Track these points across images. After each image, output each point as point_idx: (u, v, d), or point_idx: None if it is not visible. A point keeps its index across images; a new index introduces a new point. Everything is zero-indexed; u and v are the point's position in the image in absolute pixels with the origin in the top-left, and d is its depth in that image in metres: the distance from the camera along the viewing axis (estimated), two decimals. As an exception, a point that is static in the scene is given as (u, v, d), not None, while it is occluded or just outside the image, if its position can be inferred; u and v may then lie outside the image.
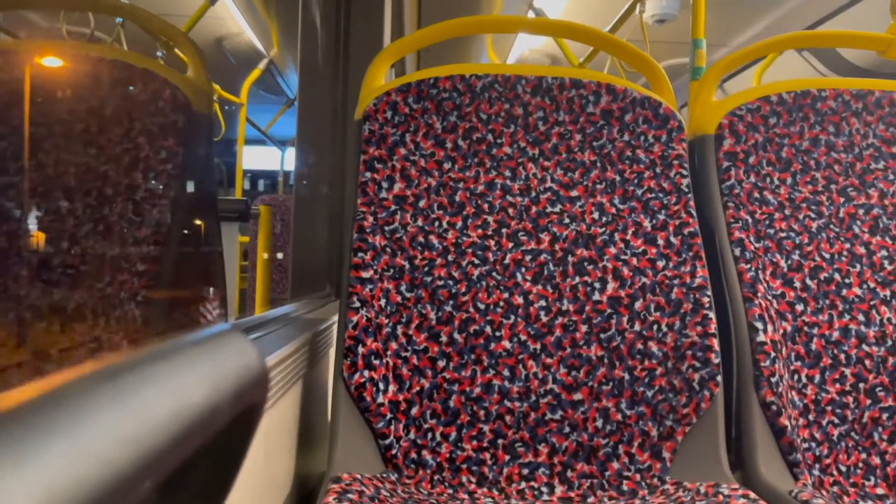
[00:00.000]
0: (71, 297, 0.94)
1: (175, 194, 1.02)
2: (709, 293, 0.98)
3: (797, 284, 1.05)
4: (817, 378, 1.01)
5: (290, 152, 5.11)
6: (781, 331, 1.02)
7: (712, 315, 0.97)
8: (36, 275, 0.94)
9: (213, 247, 1.15)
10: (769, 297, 1.03)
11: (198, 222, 1.10)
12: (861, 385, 1.01)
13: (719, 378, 0.94)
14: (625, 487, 0.92)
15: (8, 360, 0.88)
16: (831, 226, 1.08)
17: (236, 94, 3.61)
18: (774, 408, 0.96)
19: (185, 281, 1.06)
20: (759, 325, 1.00)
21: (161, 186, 1.01)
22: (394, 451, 0.91)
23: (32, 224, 0.97)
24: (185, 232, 1.05)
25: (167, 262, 1.00)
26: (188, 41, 1.21)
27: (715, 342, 0.95)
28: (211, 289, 1.15)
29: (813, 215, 1.08)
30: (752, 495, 0.82)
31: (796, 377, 1.01)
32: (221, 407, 0.22)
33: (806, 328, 1.03)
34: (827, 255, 1.07)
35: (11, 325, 0.92)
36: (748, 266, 1.04)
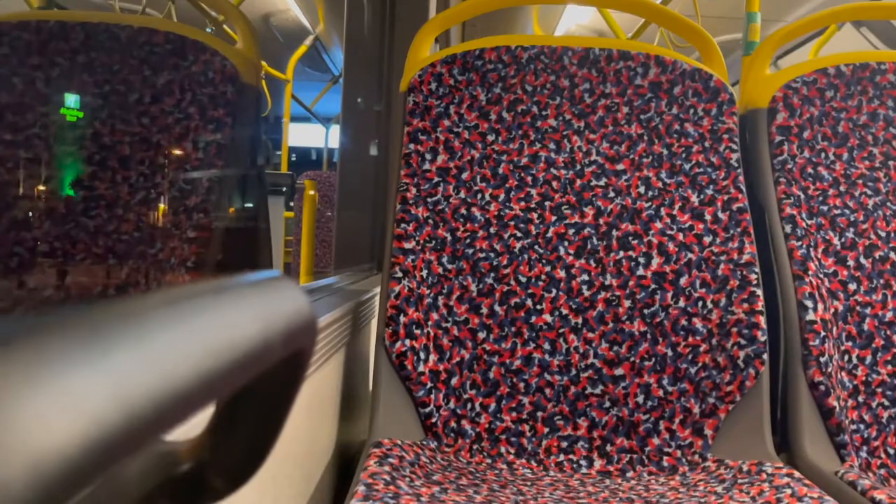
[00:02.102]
0: (125, 262, 0.97)
1: (223, 164, 1.04)
2: (756, 270, 0.96)
3: (851, 263, 1.02)
4: (868, 359, 0.99)
5: (335, 130, 5.14)
6: (832, 310, 1.00)
7: (760, 292, 0.95)
8: (93, 240, 0.97)
9: (259, 216, 1.17)
10: (820, 276, 1.01)
11: (245, 192, 1.12)
12: None
13: (765, 356, 0.93)
14: (665, 463, 0.91)
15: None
16: (888, 203, 1.05)
17: (283, 71, 3.64)
18: (823, 388, 0.94)
19: (233, 248, 1.08)
20: (809, 304, 0.98)
21: (210, 156, 1.03)
22: (434, 420, 0.92)
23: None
24: (233, 201, 1.07)
25: (216, 229, 1.02)
26: (239, 14, 1.22)
27: (762, 320, 0.93)
28: (257, 256, 1.17)
29: (869, 192, 1.05)
30: (797, 474, 0.81)
31: (847, 357, 0.99)
32: (273, 344, 0.23)
33: (858, 308, 1.00)
34: (883, 234, 1.03)
35: (67, 287, 0.96)
36: (799, 243, 1.01)
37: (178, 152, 1.03)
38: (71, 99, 1.03)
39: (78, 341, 0.13)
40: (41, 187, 1.00)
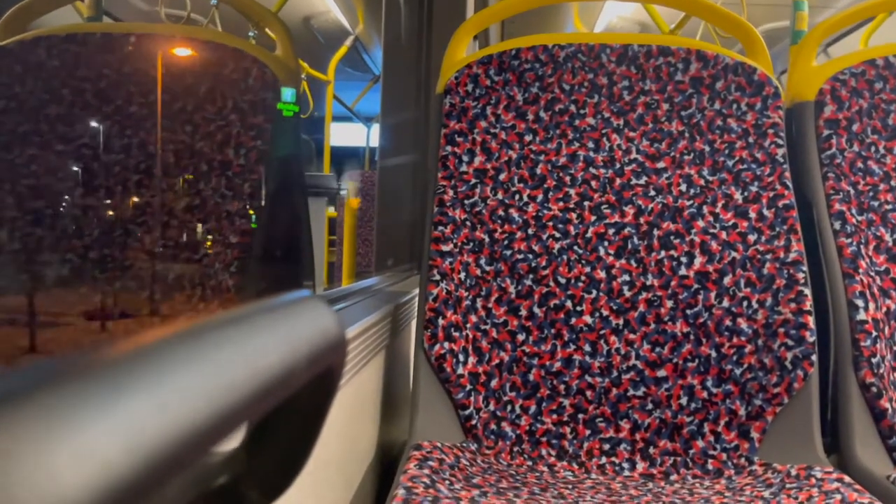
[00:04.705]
0: (171, 268, 1.00)
1: (264, 169, 1.06)
2: (804, 268, 0.93)
3: None
4: None
5: (376, 129, 5.17)
6: (885, 309, 0.97)
7: (807, 291, 0.92)
8: (140, 246, 1.00)
9: (301, 219, 1.18)
10: (871, 274, 0.98)
11: (286, 196, 1.14)
12: None
13: (814, 357, 0.90)
14: (710, 466, 0.90)
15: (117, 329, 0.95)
16: None
17: (324, 72, 3.68)
18: (875, 389, 0.91)
19: (274, 252, 1.10)
20: (860, 303, 0.94)
21: (251, 162, 1.05)
22: (473, 422, 0.92)
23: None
24: (274, 206, 1.09)
25: (257, 235, 1.04)
26: (276, 20, 1.24)
27: (810, 320, 0.91)
28: (299, 259, 1.19)
29: None
30: (847, 479, 0.79)
31: None
32: (297, 369, 0.23)
33: None
34: None
35: (119, 294, 0.99)
36: (849, 240, 0.98)
37: (220, 159, 1.05)
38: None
39: (91, 389, 0.13)
40: (91, 196, 1.03)
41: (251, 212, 1.04)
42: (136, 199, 1.03)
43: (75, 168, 1.02)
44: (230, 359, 0.18)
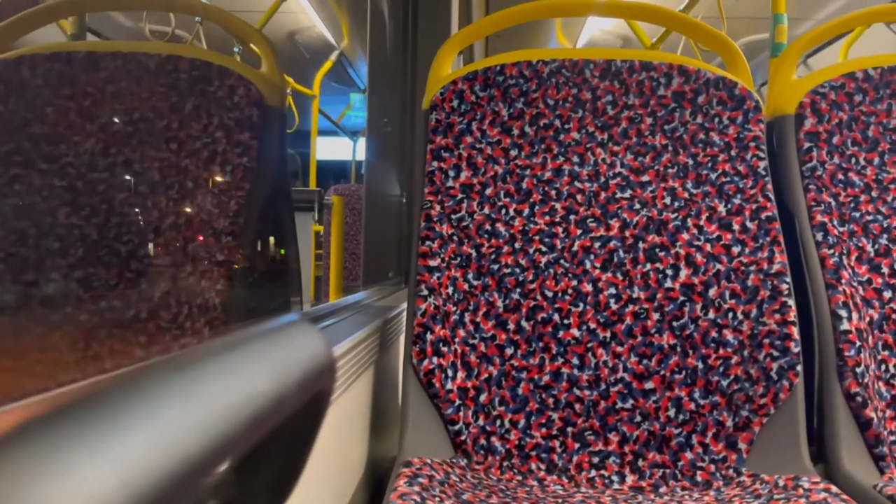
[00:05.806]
0: (157, 286, 0.99)
1: (250, 186, 1.05)
2: (788, 280, 0.94)
3: (885, 270, 1.00)
4: None
5: (362, 143, 5.18)
6: (868, 319, 0.98)
7: (791, 302, 0.93)
8: (125, 265, 0.99)
9: (287, 235, 1.18)
10: (854, 284, 0.99)
11: (272, 212, 1.14)
12: None
13: (799, 368, 0.91)
14: (698, 478, 0.90)
15: (101, 348, 0.94)
16: None
17: (309, 87, 3.68)
18: (859, 399, 0.92)
19: (261, 269, 1.10)
20: (843, 313, 0.96)
21: (237, 179, 1.05)
22: (463, 437, 0.92)
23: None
24: (261, 223, 1.09)
25: (244, 252, 1.03)
26: (261, 37, 1.24)
27: (794, 330, 0.92)
28: (286, 275, 1.19)
29: None
30: (834, 489, 0.79)
31: (884, 367, 0.97)
32: (288, 395, 0.23)
33: (894, 316, 0.98)
34: None
35: (102, 314, 0.98)
36: (831, 251, 0.99)
37: (205, 176, 1.04)
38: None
39: (84, 424, 0.13)
40: (75, 215, 1.03)
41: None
42: (119, 217, 1.03)
43: (60, 186, 1.02)
44: (223, 388, 0.18)
